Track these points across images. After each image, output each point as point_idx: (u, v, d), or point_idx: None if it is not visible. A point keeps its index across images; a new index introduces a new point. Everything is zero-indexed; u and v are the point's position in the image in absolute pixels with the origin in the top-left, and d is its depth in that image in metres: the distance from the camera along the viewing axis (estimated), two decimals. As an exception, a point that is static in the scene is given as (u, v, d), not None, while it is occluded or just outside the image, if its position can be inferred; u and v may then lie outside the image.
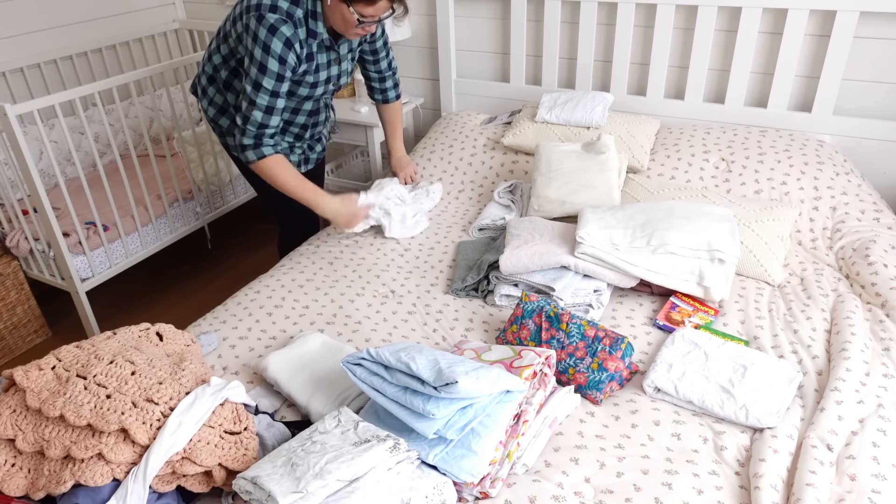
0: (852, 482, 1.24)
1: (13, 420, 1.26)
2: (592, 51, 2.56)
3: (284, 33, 1.77)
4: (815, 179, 2.12)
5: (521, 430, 1.32)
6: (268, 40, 1.77)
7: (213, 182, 2.94)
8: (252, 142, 1.90)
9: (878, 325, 1.67)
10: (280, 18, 1.77)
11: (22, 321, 2.65)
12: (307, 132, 2.17)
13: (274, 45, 1.77)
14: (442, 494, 1.20)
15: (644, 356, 1.64)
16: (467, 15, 2.78)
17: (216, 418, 1.28)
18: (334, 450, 1.17)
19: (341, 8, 1.79)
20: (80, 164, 2.46)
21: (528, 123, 2.46)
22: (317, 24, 1.85)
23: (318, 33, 1.87)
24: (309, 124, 2.14)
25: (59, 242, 2.38)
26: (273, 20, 1.76)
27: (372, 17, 1.80)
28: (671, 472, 1.29)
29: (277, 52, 1.78)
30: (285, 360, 1.56)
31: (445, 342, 1.72)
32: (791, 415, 1.42)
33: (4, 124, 2.15)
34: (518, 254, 1.82)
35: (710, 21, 2.32)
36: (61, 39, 3.00)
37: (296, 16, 1.80)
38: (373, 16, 1.79)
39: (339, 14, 1.81)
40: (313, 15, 1.84)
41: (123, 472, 1.19)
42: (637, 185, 2.20)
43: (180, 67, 2.67)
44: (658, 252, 1.77)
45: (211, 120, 2.12)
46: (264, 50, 1.78)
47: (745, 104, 2.43)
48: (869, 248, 1.90)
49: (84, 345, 1.39)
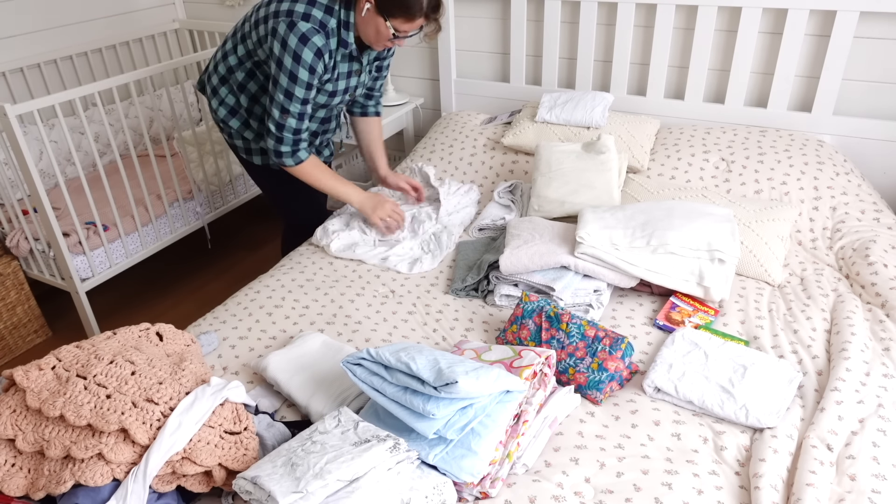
0: (852, 482, 1.24)
1: (13, 420, 1.26)
2: (592, 51, 2.56)
3: (316, 44, 1.76)
4: (815, 179, 2.12)
5: (521, 430, 1.32)
6: (299, 49, 1.76)
7: (213, 182, 2.94)
8: (290, 149, 1.95)
9: (878, 325, 1.67)
10: (313, 28, 1.76)
11: (22, 321, 2.65)
12: (317, 139, 2.17)
13: (305, 54, 1.77)
14: (442, 494, 1.20)
15: (644, 356, 1.64)
16: (467, 15, 2.78)
17: (216, 418, 1.28)
18: (334, 450, 1.17)
19: (377, 21, 1.78)
20: (80, 164, 2.46)
21: (528, 123, 2.46)
22: (348, 34, 1.84)
23: (348, 43, 1.86)
24: (319, 131, 2.14)
25: (59, 242, 2.38)
26: (305, 29, 1.75)
27: (406, 32, 1.81)
28: (671, 472, 1.29)
29: (308, 62, 1.78)
30: (285, 360, 1.56)
31: (445, 342, 1.72)
32: (791, 415, 1.42)
33: (4, 124, 2.15)
34: (518, 254, 1.82)
35: (710, 21, 2.32)
36: (61, 39, 3.00)
37: (329, 26, 1.79)
38: (408, 31, 1.80)
39: (374, 27, 1.80)
40: (346, 25, 1.82)
41: (123, 472, 1.19)
42: (637, 185, 2.20)
43: (180, 67, 2.67)
44: (658, 252, 1.77)
45: (221, 120, 2.10)
46: (295, 59, 1.77)
47: (745, 104, 2.43)
48: (869, 248, 1.90)
49: (84, 345, 1.39)
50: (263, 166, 2.17)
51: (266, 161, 2.15)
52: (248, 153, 2.15)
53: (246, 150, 2.14)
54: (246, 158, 2.17)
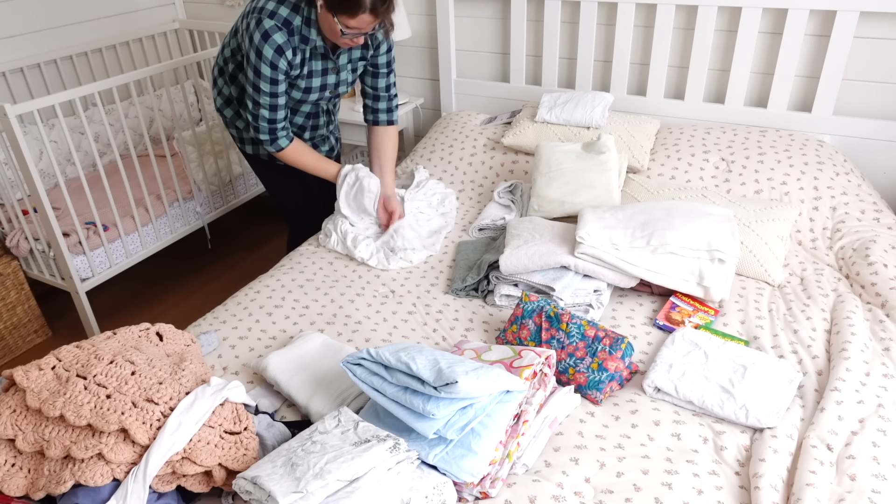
0: (852, 482, 1.24)
1: (13, 420, 1.26)
2: (592, 51, 2.56)
3: (276, 41, 1.83)
4: (815, 179, 2.12)
5: (521, 430, 1.32)
6: (261, 46, 1.84)
7: (213, 182, 2.94)
8: (268, 137, 2.03)
9: (878, 325, 1.67)
10: (275, 25, 1.82)
11: (22, 321, 2.65)
12: (305, 133, 2.21)
13: (266, 50, 1.84)
14: (442, 494, 1.20)
15: (644, 356, 1.64)
16: (467, 15, 2.78)
17: (216, 418, 1.28)
18: (334, 450, 1.17)
19: (328, 18, 1.82)
20: (80, 164, 2.46)
21: (528, 123, 2.46)
22: (310, 31, 1.88)
23: (310, 40, 1.90)
24: (307, 126, 2.19)
25: (59, 242, 2.38)
26: (268, 26, 1.82)
27: (356, 30, 1.82)
28: (671, 472, 1.29)
29: (269, 57, 1.85)
30: (285, 360, 1.56)
31: (445, 342, 1.72)
32: (791, 415, 1.42)
33: (4, 124, 2.15)
34: (518, 254, 1.82)
35: (710, 21, 2.32)
36: (61, 39, 3.00)
37: (294, 23, 1.85)
38: (356, 28, 1.81)
39: (328, 23, 1.84)
40: (308, 22, 1.87)
41: (123, 472, 1.19)
42: (637, 185, 2.20)
43: (180, 67, 2.67)
44: (658, 252, 1.77)
45: (218, 109, 2.20)
46: (257, 55, 1.85)
47: (745, 104, 2.43)
48: (869, 248, 1.90)
49: (84, 345, 1.39)
50: (255, 155, 2.25)
51: (257, 150, 2.22)
52: (241, 142, 2.22)
53: (240, 140, 2.22)
54: (241, 147, 2.25)
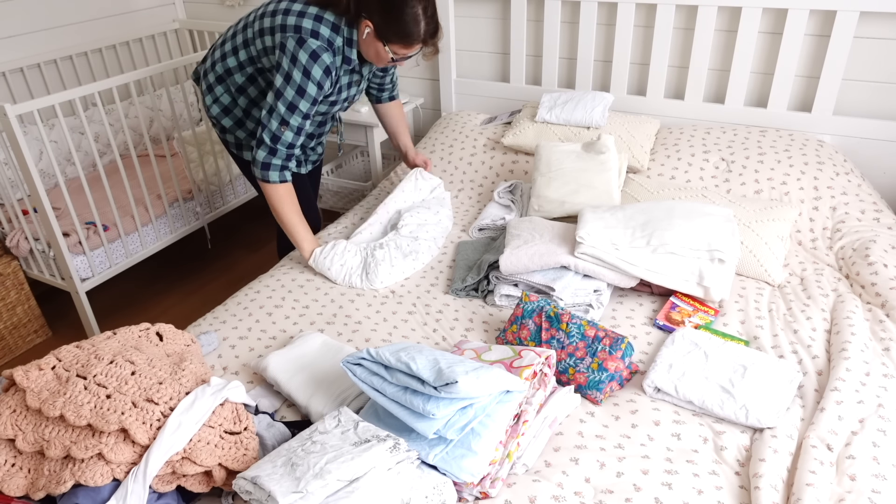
0: (852, 482, 1.24)
1: (13, 420, 1.26)
2: (592, 51, 2.56)
3: (325, 61, 1.81)
4: (815, 179, 2.12)
5: (521, 430, 1.32)
6: (308, 66, 1.80)
7: (213, 182, 2.94)
8: (280, 163, 1.92)
9: (878, 325, 1.67)
10: (322, 46, 1.80)
11: (22, 321, 2.65)
12: (312, 141, 2.23)
13: (315, 71, 1.81)
14: (442, 494, 1.20)
15: (644, 356, 1.64)
16: (467, 15, 2.78)
17: (216, 418, 1.28)
18: (334, 450, 1.17)
19: (377, 45, 1.83)
20: (80, 164, 2.46)
21: (528, 123, 2.46)
22: (352, 51, 1.89)
23: (352, 60, 1.91)
24: (316, 134, 2.21)
25: (59, 242, 2.38)
26: (315, 47, 1.79)
27: (405, 55, 1.85)
28: (671, 472, 1.29)
29: (317, 78, 1.82)
30: (285, 360, 1.56)
31: (445, 342, 1.72)
32: (791, 415, 1.42)
33: (4, 124, 2.15)
34: (518, 254, 1.82)
35: (710, 21, 2.32)
36: (61, 39, 3.00)
37: (336, 44, 1.84)
38: (406, 54, 1.85)
39: (374, 49, 1.85)
40: (349, 43, 1.87)
41: (123, 472, 1.19)
42: (637, 185, 2.20)
43: (180, 67, 2.67)
44: (658, 252, 1.77)
45: (213, 117, 2.13)
46: (304, 74, 1.81)
47: (745, 104, 2.43)
48: (869, 248, 1.90)
49: (84, 345, 1.39)
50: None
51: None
52: (238, 148, 2.18)
53: (237, 146, 2.18)
54: (237, 153, 2.20)
